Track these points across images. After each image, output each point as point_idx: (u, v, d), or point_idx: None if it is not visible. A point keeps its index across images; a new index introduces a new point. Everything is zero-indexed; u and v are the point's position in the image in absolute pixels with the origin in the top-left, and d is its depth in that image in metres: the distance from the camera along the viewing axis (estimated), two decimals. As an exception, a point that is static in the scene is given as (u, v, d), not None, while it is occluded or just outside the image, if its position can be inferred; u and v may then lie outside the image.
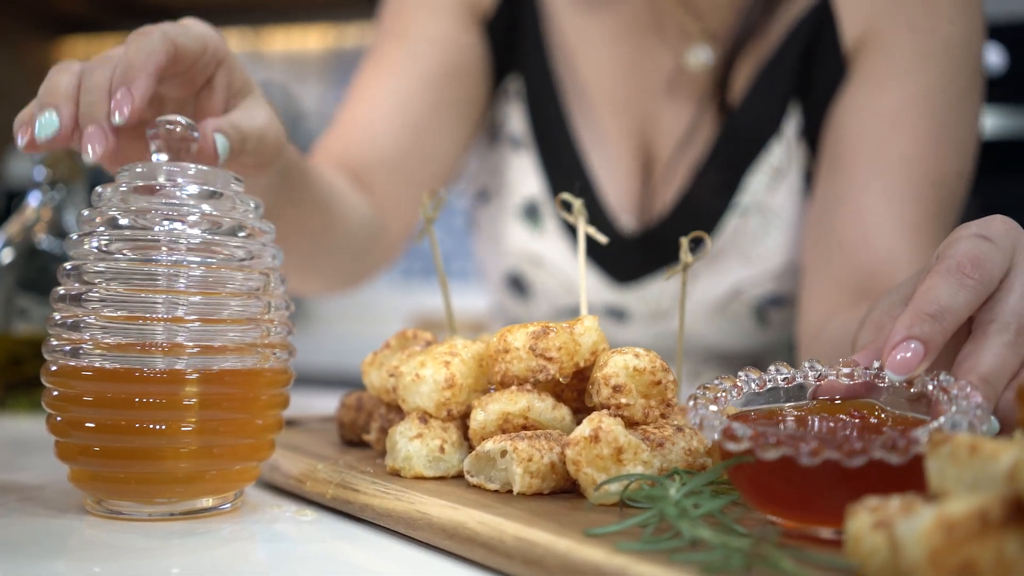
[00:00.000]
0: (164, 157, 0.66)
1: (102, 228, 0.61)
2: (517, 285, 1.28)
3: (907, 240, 1.01)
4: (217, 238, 0.62)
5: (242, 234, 0.64)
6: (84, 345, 0.60)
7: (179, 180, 0.64)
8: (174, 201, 0.62)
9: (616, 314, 1.23)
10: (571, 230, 1.20)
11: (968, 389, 0.54)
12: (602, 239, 0.79)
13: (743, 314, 1.19)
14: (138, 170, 0.64)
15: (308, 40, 3.65)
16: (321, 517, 0.65)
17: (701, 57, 1.16)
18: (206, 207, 0.63)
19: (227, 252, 0.63)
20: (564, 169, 1.22)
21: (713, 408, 0.55)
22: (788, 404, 0.60)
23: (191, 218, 0.62)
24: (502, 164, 1.26)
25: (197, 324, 0.61)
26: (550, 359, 0.64)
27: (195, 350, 0.60)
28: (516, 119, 1.24)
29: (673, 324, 1.20)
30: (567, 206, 0.85)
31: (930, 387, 0.57)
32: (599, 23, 1.21)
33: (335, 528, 0.62)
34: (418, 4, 1.23)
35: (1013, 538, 0.36)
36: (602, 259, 1.22)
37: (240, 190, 0.66)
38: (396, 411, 0.72)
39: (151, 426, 0.59)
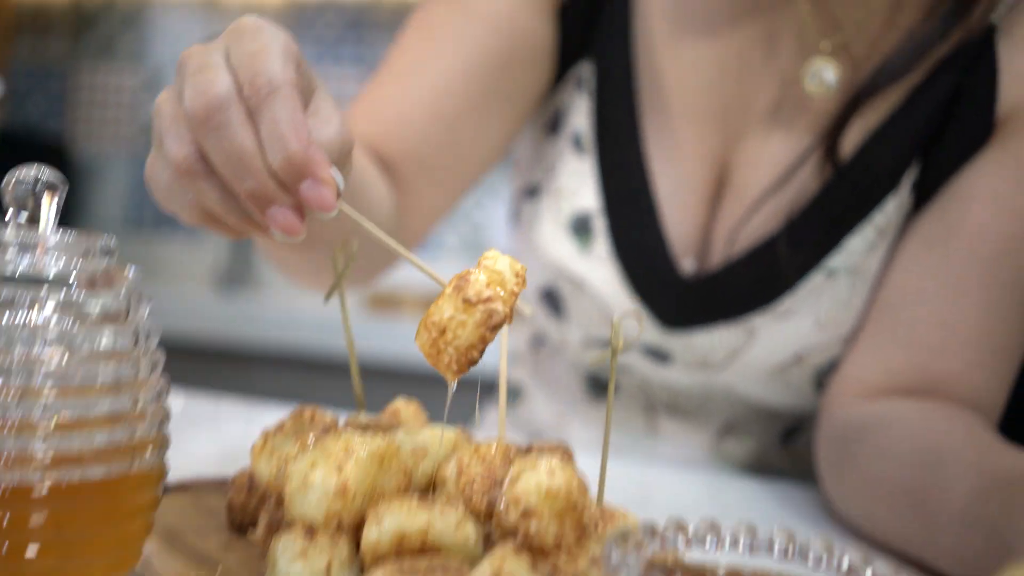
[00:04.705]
0: (22, 218, 0.57)
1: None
2: (551, 301, 1.09)
3: (986, 364, 0.91)
4: (76, 328, 0.54)
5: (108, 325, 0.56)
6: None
7: (36, 251, 0.55)
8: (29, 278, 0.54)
9: (657, 355, 1.05)
10: (623, 258, 1.02)
11: None
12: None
13: (801, 379, 1.03)
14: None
15: (264, -12, 3.50)
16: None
17: (826, 77, 0.96)
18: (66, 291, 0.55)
19: (89, 344, 0.55)
20: (625, 185, 1.03)
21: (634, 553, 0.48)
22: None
23: (49, 304, 0.54)
24: (559, 163, 1.07)
25: (51, 428, 0.53)
26: (490, 299, 0.57)
27: (46, 461, 0.52)
28: (581, 113, 1.06)
29: (722, 378, 1.04)
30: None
31: None
32: (703, 14, 1.02)
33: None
34: None
35: None
36: (650, 298, 1.02)
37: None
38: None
39: (-11, 550, 0.52)
